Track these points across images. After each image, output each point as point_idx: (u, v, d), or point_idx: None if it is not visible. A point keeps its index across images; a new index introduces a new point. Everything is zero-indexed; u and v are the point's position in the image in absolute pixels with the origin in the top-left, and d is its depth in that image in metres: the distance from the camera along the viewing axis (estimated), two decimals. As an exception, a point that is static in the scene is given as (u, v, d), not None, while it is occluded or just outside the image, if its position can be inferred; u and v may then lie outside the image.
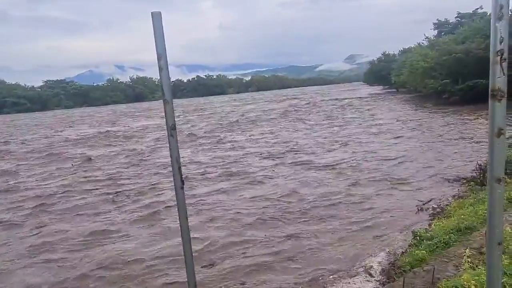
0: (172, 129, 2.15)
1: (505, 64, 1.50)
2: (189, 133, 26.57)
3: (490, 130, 1.58)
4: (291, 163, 14.76)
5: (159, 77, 2.06)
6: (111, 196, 11.53)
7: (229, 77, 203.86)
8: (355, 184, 11.34)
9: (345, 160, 14.53)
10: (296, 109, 44.50)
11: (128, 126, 37.79)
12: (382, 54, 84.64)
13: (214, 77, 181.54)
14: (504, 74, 1.50)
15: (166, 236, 8.16)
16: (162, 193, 11.52)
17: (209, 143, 21.88)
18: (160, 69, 2.04)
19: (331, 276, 6.19)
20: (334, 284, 5.90)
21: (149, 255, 7.26)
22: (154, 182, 13.07)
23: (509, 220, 5.22)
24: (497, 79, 1.52)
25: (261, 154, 17.15)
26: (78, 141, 27.20)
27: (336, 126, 25.72)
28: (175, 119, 2.03)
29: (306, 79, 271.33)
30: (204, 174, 13.85)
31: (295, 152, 16.96)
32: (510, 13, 1.56)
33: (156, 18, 1.89)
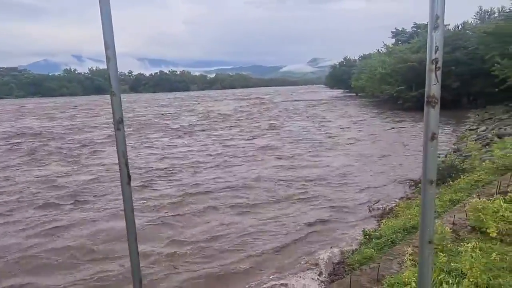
0: (119, 122, 2.07)
1: (439, 72, 1.58)
2: (36, 146, 20.59)
3: (424, 134, 1.65)
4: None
5: (120, 70, 1.97)
6: None
7: (193, 74, 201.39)
8: (303, 190, 11.61)
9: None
10: (242, 110, 42.06)
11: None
12: (343, 59, 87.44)
13: (178, 73, 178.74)
14: (438, 81, 1.58)
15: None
16: None
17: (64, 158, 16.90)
18: (108, 59, 1.95)
19: (282, 274, 6.30)
20: (284, 281, 6.01)
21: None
22: None
23: (449, 220, 5.56)
24: (432, 87, 1.59)
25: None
26: None
27: (267, 137, 22.32)
28: (102, 117, 1.94)
29: (270, 79, 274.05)
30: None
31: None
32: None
33: (104, 2, 1.80)
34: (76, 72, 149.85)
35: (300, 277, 6.06)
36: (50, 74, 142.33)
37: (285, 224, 8.57)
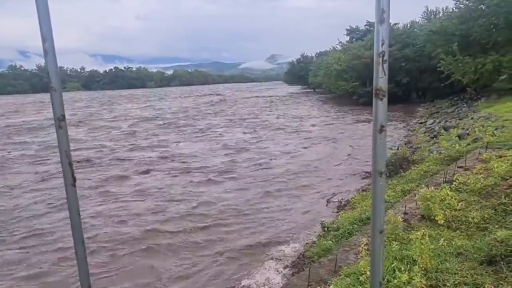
0: (60, 120, 1.93)
1: (386, 65, 1.60)
2: None
3: (373, 127, 1.67)
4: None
5: (71, 66, 1.78)
6: None
7: (150, 70, 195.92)
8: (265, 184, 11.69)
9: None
10: (164, 117, 33.39)
11: None
12: (300, 56, 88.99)
13: (134, 69, 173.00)
14: (385, 74, 1.61)
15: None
16: None
17: None
18: (45, 52, 1.79)
19: (246, 269, 6.29)
20: (246, 276, 6.01)
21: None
22: None
23: (401, 210, 5.81)
24: (380, 79, 1.62)
25: None
26: None
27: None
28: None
29: (229, 76, 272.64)
30: None
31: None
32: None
33: (39, -11, 1.66)
34: (22, 68, 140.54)
35: (263, 272, 6.09)
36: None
37: (246, 223, 8.58)
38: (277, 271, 6.04)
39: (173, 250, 7.29)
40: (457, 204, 5.48)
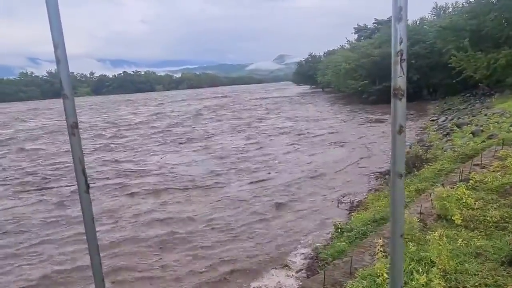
0: (73, 127, 1.92)
1: (404, 64, 1.55)
2: None
3: (392, 127, 1.62)
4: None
5: (80, 71, 1.76)
6: None
7: (159, 74, 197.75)
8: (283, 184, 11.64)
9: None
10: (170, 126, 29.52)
11: None
12: (308, 55, 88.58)
13: (142, 73, 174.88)
14: (403, 73, 1.56)
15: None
16: None
17: None
18: (58, 60, 1.78)
19: (258, 273, 6.25)
20: (260, 278, 5.98)
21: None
22: None
23: (416, 210, 5.71)
24: (398, 79, 1.57)
25: None
26: None
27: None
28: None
29: (236, 77, 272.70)
30: None
31: None
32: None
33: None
34: (33, 75, 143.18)
35: (276, 275, 6.04)
36: (4, 78, 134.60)
37: (257, 226, 8.54)
38: (291, 274, 5.98)
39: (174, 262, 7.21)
40: (474, 203, 5.36)
